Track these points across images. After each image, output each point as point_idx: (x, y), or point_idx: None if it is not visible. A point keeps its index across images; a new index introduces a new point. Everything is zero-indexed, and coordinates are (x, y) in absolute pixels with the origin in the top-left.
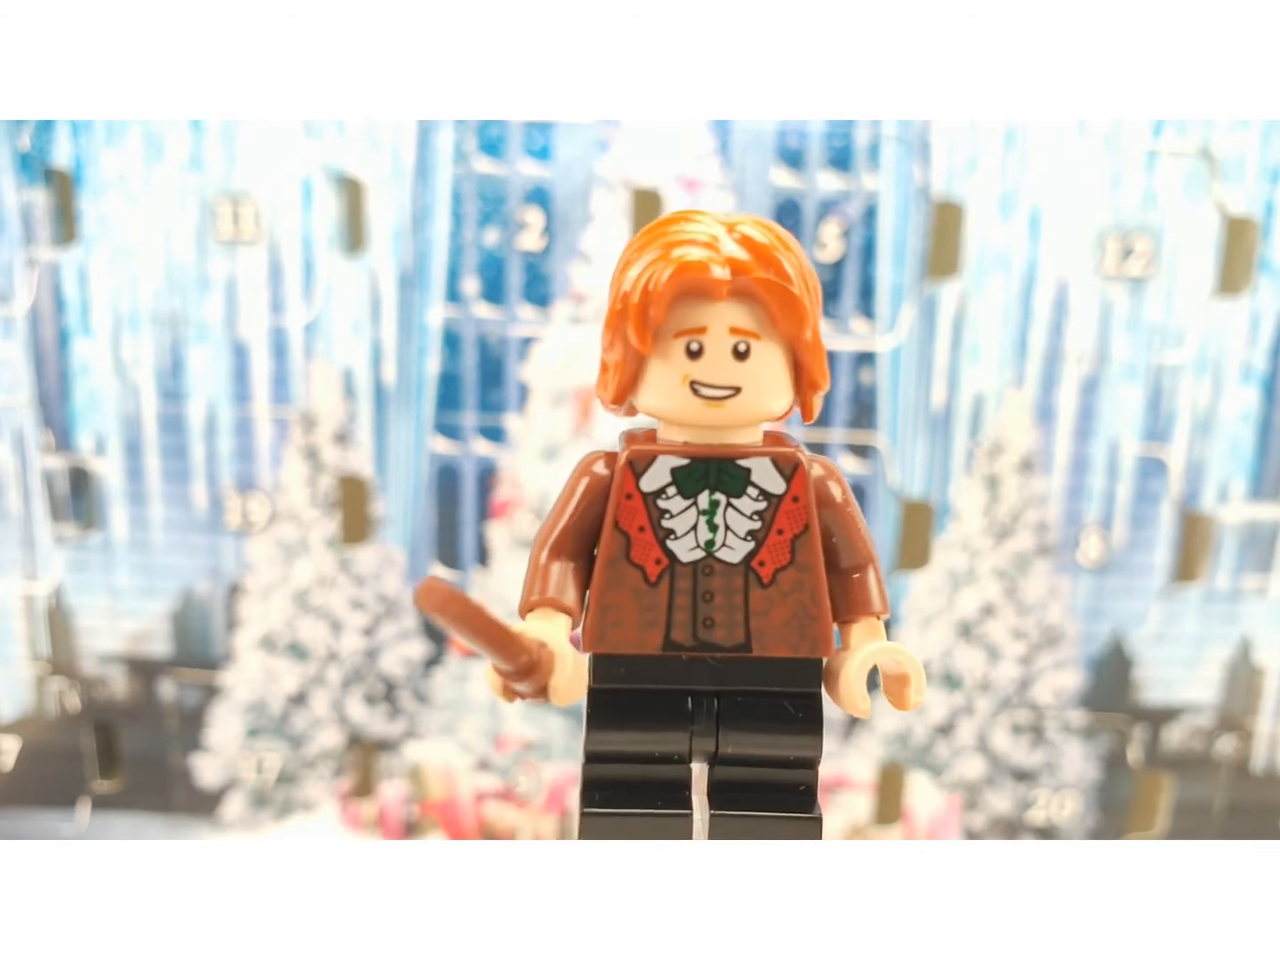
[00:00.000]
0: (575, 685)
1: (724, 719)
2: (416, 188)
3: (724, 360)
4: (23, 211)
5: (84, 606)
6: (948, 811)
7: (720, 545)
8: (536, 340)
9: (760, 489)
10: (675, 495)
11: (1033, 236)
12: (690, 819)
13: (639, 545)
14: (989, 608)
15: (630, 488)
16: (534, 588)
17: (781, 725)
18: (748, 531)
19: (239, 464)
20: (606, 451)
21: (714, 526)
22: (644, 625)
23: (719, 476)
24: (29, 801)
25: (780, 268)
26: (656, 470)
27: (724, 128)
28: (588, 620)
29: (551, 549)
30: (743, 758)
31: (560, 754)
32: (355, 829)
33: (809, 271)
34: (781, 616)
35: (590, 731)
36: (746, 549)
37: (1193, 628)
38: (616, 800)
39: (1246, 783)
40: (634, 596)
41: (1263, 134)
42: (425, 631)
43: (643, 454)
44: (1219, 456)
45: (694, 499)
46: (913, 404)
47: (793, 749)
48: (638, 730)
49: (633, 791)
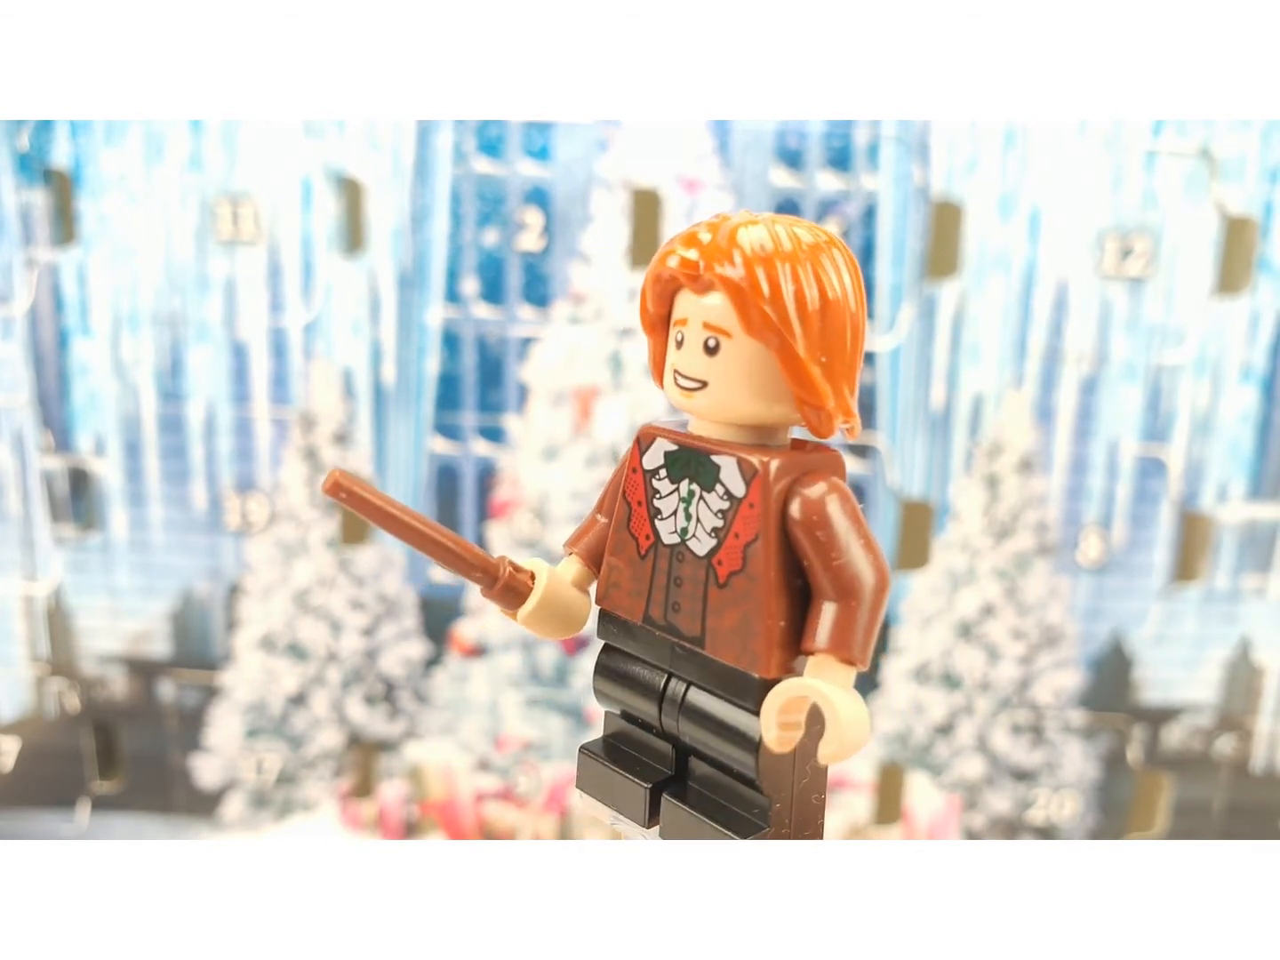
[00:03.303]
0: (542, 620)
1: (683, 706)
2: (416, 188)
3: (696, 353)
4: (22, 212)
5: (84, 607)
6: (948, 811)
7: (691, 535)
8: (536, 340)
9: (726, 488)
10: (665, 478)
11: (1032, 236)
12: (643, 793)
13: (636, 517)
14: (989, 608)
15: (636, 462)
16: (570, 538)
17: (726, 730)
18: (712, 528)
19: (238, 464)
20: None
21: (689, 515)
22: (633, 593)
23: (696, 468)
24: (29, 802)
25: (741, 268)
26: (654, 451)
27: (723, 128)
28: (599, 576)
29: (597, 507)
30: (697, 749)
31: (560, 754)
32: (355, 829)
33: (807, 283)
34: (731, 621)
35: (593, 675)
36: (710, 544)
37: (1192, 628)
38: (604, 751)
39: (1246, 783)
40: (629, 564)
41: (1262, 134)
42: (425, 631)
43: (648, 434)
44: (1218, 456)
45: (678, 485)
46: (912, 404)
47: (732, 759)
48: (621, 688)
49: (620, 751)
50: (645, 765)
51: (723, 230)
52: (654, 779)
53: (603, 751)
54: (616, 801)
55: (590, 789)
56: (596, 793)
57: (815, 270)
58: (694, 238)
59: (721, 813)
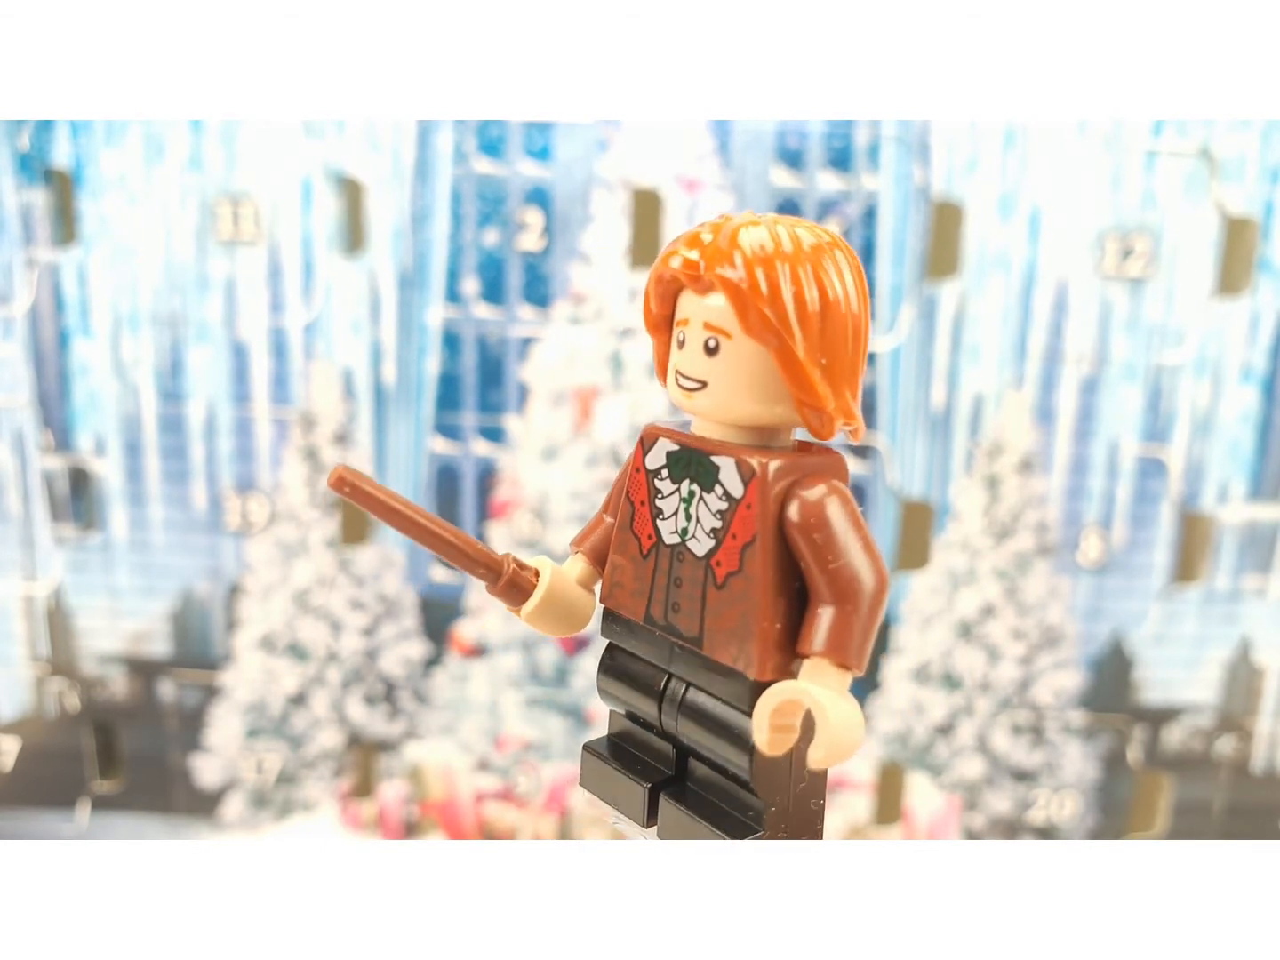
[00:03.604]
0: (545, 617)
1: (682, 706)
2: (416, 188)
3: (697, 354)
4: (22, 212)
5: (84, 607)
6: (948, 811)
7: (691, 536)
8: (536, 340)
9: (724, 489)
10: (667, 478)
11: (1032, 237)
12: (642, 792)
13: (639, 517)
14: (989, 608)
15: (639, 462)
16: (577, 536)
17: (722, 731)
18: (711, 528)
19: (239, 464)
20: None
21: (689, 516)
22: (635, 593)
23: (697, 468)
24: (29, 802)
25: (740, 269)
26: (656, 451)
27: (724, 128)
28: (603, 575)
29: (603, 506)
30: (695, 750)
31: (560, 754)
32: (355, 829)
33: (808, 284)
34: (728, 622)
35: (597, 674)
36: (709, 545)
37: (1192, 628)
38: (607, 749)
39: (1246, 783)
40: (631, 563)
41: (1263, 134)
42: (425, 631)
43: (651, 433)
44: (1219, 457)
45: (679, 485)
46: (912, 404)
47: (728, 761)
48: (624, 686)
49: (622, 750)
50: (646, 765)
51: (724, 231)
52: (654, 779)
53: (606, 750)
54: (617, 800)
55: (593, 787)
56: (599, 791)
57: (816, 271)
58: (696, 238)
59: (718, 814)
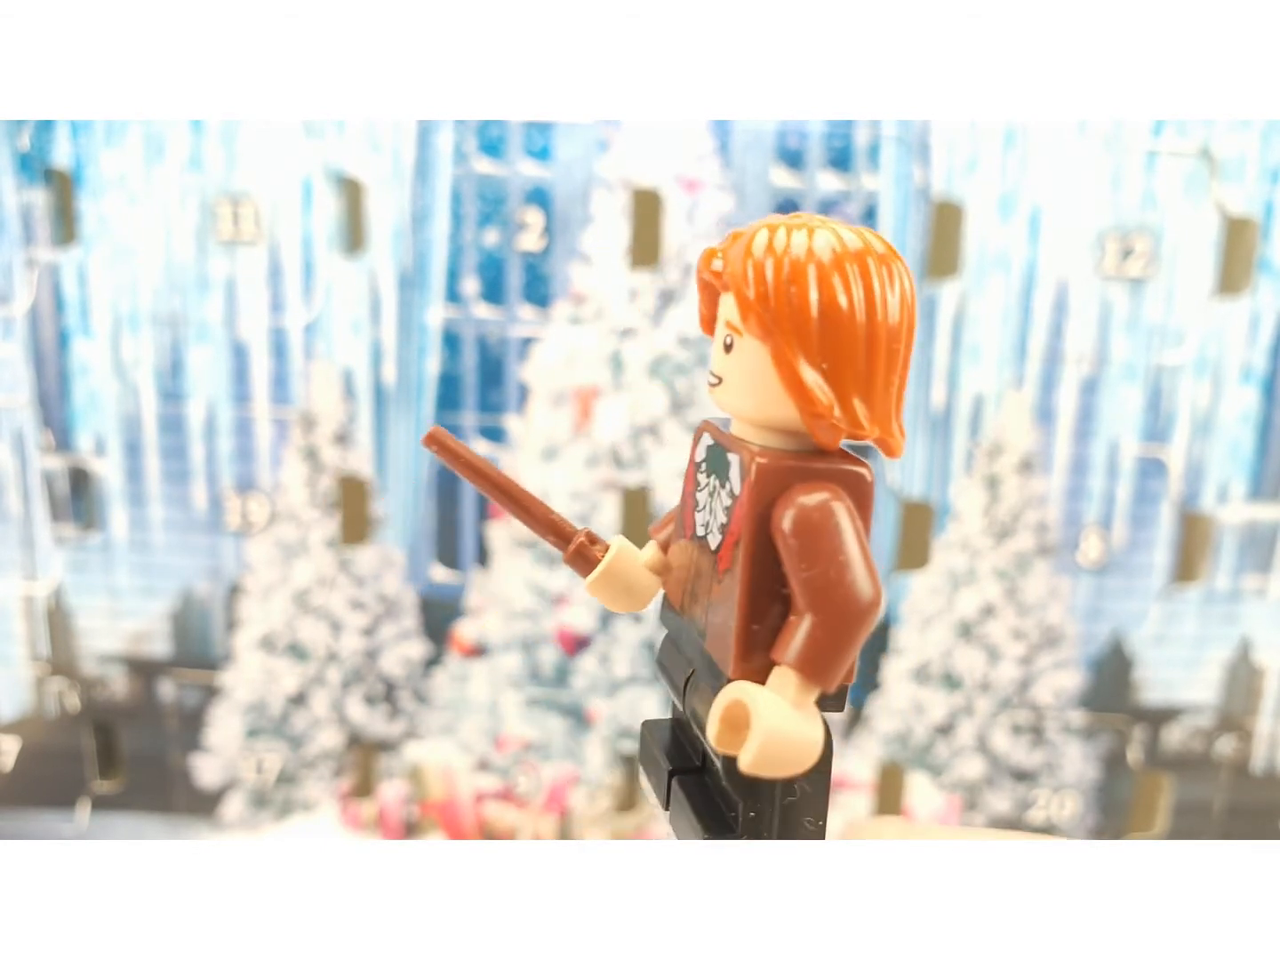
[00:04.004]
0: (605, 589)
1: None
2: (416, 188)
3: (719, 350)
4: (22, 212)
5: (84, 607)
6: (948, 811)
7: (710, 529)
8: (536, 341)
9: (731, 485)
10: (704, 471)
11: (1032, 237)
12: (664, 775)
13: (687, 508)
14: (989, 608)
15: (693, 455)
16: (655, 524)
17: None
18: (720, 524)
19: (239, 464)
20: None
21: (711, 510)
22: (678, 580)
23: (720, 463)
24: (29, 801)
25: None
26: (701, 445)
27: (724, 128)
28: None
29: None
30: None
31: (560, 754)
32: (355, 829)
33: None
34: (720, 617)
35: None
36: (718, 540)
37: (1192, 628)
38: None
39: (1246, 783)
40: (681, 552)
41: (1263, 134)
42: (425, 631)
43: (701, 428)
44: (1219, 457)
45: (710, 479)
46: (913, 404)
47: (713, 754)
48: (664, 672)
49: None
50: (681, 750)
51: (749, 231)
52: (679, 765)
53: (654, 731)
54: (651, 780)
55: (643, 765)
56: (645, 769)
57: (825, 276)
58: (730, 238)
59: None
